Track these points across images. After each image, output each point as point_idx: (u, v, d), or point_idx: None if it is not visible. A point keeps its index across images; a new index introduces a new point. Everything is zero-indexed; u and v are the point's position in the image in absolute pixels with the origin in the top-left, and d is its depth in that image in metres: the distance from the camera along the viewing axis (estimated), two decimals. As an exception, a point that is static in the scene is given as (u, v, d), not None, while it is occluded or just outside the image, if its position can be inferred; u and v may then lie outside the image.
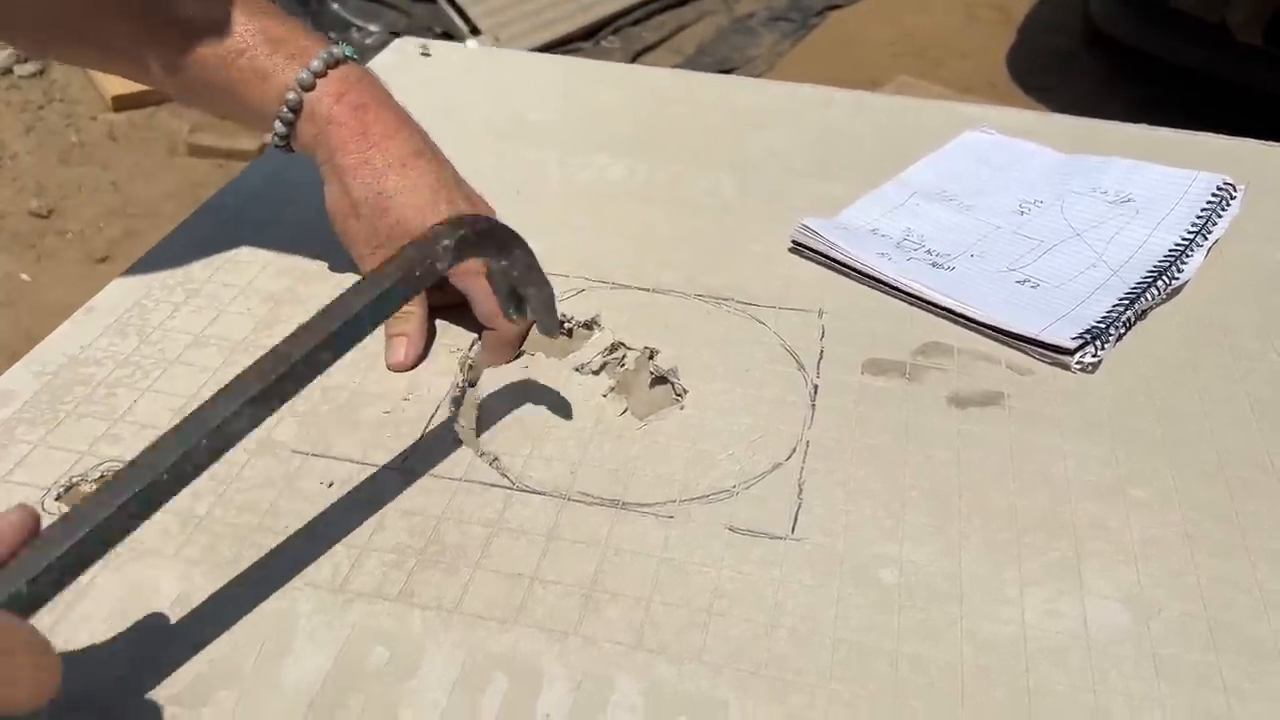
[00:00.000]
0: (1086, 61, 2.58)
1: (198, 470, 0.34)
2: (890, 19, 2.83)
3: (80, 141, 2.14)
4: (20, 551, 0.30)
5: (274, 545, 0.42)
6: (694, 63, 2.60)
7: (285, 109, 0.51)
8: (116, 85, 2.26)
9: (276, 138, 0.52)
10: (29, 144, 2.12)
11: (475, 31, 2.49)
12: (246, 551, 0.42)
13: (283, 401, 0.35)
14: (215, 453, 0.34)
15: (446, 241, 0.40)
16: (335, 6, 2.41)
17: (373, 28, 2.40)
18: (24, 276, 1.74)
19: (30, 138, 2.14)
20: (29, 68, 2.36)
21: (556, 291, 0.55)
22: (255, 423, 0.35)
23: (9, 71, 2.35)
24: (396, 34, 2.39)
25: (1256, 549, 0.44)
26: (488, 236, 0.42)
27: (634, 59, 2.60)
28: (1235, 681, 0.39)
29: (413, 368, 0.52)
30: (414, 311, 0.52)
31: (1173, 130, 0.78)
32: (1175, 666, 0.39)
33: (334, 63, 0.51)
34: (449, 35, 2.48)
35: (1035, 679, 0.39)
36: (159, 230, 1.90)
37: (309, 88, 0.51)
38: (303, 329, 0.37)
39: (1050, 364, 0.54)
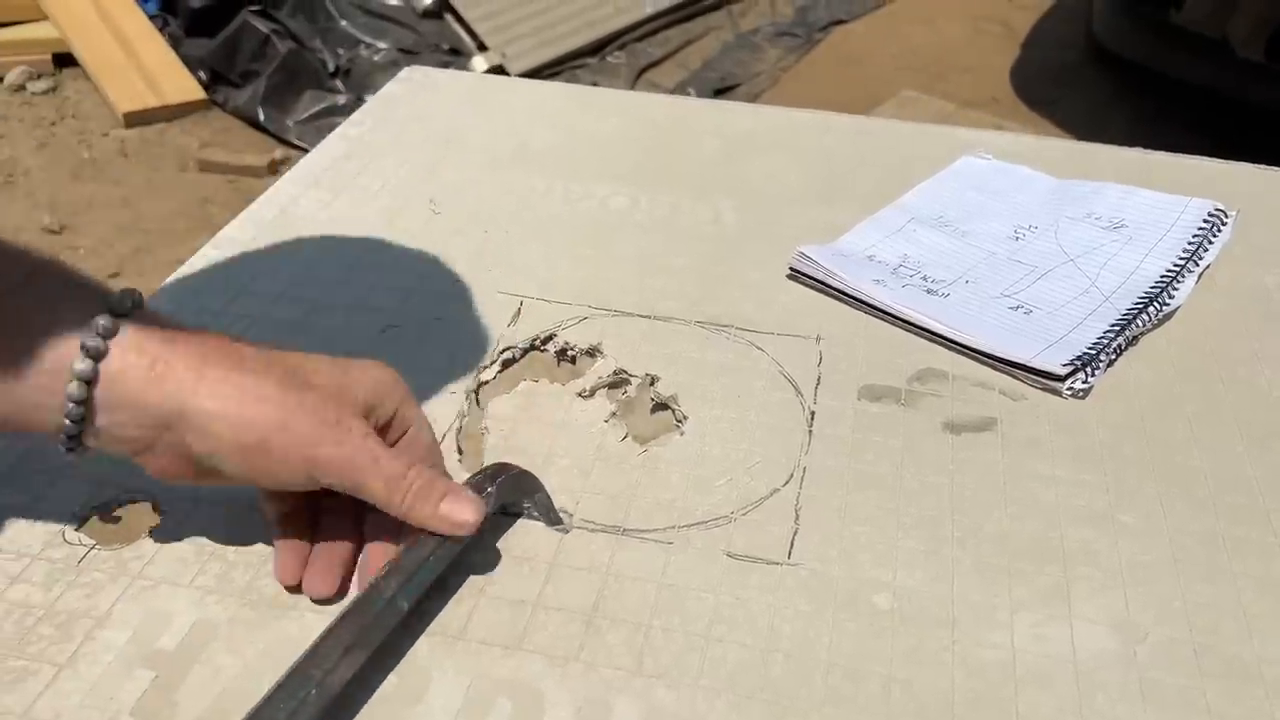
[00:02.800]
0: (1090, 76, 2.59)
1: None
2: (894, 34, 2.85)
3: (92, 158, 2.16)
4: None
5: (286, 572, 0.43)
6: (699, 78, 2.62)
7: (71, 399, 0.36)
8: (127, 102, 2.29)
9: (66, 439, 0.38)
10: (41, 160, 2.14)
11: (482, 48, 2.51)
12: (259, 580, 0.43)
13: (368, 652, 0.38)
14: (322, 705, 0.36)
15: (490, 489, 0.43)
16: (344, 24, 2.44)
17: (381, 45, 2.43)
18: (37, 293, 1.76)
19: (43, 154, 2.16)
20: (41, 85, 2.39)
21: (560, 319, 0.57)
22: (350, 671, 0.37)
23: (22, 89, 2.38)
24: (404, 50, 2.42)
25: (1243, 574, 0.45)
26: (519, 481, 0.46)
27: (639, 74, 2.62)
28: (1219, 705, 0.40)
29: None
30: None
31: (1168, 154, 0.80)
32: (1160, 691, 0.40)
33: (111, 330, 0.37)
34: (456, 51, 2.51)
35: (1024, 704, 0.40)
36: (170, 246, 1.94)
37: (100, 356, 0.36)
38: (376, 579, 0.39)
39: (1042, 390, 0.55)
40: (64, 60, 2.46)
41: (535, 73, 2.52)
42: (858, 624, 0.43)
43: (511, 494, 0.46)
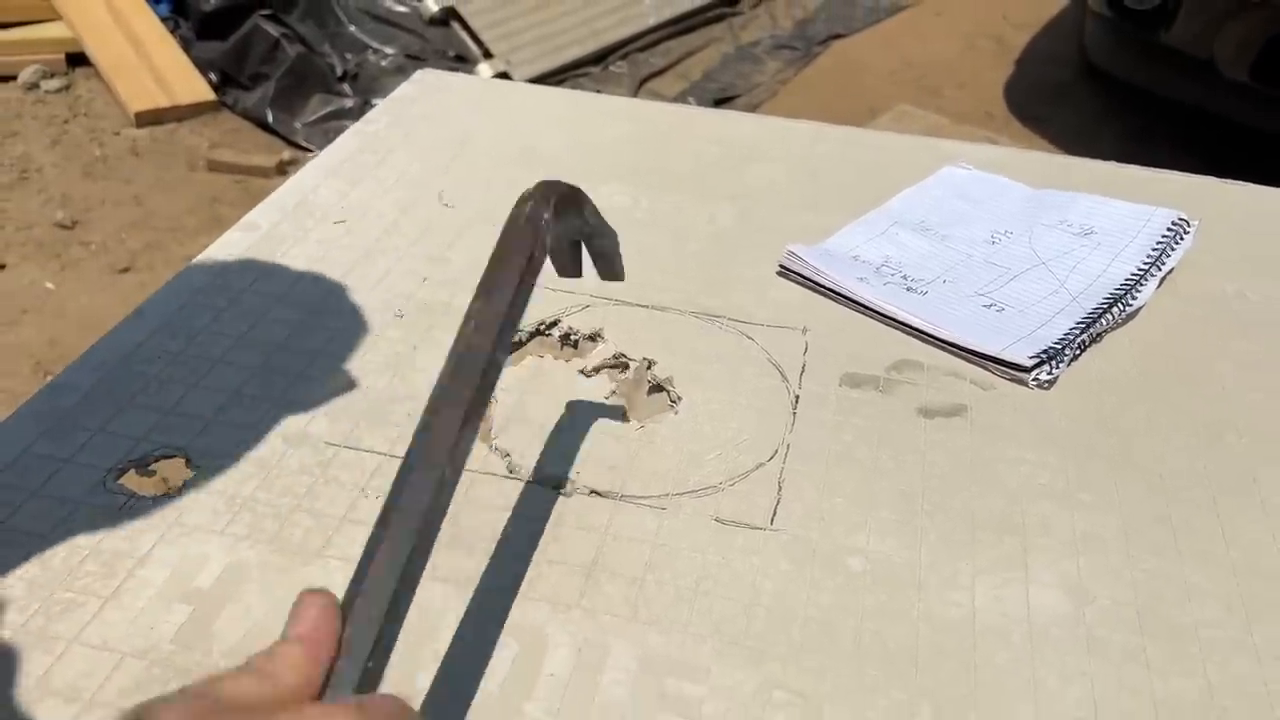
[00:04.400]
0: (1081, 93, 2.65)
1: (448, 503, 0.33)
2: (891, 48, 2.90)
3: (104, 156, 2.20)
4: (343, 636, 0.29)
5: (311, 524, 0.48)
6: (699, 88, 2.67)
7: None
8: (139, 101, 2.33)
9: None
10: (55, 157, 2.18)
11: (488, 55, 2.56)
12: (286, 529, 0.47)
13: (481, 415, 0.35)
14: (456, 481, 0.33)
15: (546, 215, 0.40)
16: (353, 29, 2.49)
17: (389, 50, 2.47)
18: (49, 285, 1.80)
19: (56, 151, 2.20)
20: (55, 83, 2.43)
21: (564, 306, 0.61)
22: (472, 439, 0.34)
23: (35, 87, 2.42)
24: (412, 56, 2.47)
25: (1186, 549, 0.50)
26: (570, 198, 0.42)
27: (641, 84, 2.67)
28: (1158, 661, 0.44)
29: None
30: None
31: (1139, 167, 0.84)
32: (1105, 646, 0.45)
33: None
34: (462, 58, 2.55)
35: (981, 654, 0.44)
36: (179, 242, 1.98)
37: None
38: (467, 338, 0.36)
39: (1010, 380, 0.59)
40: (77, 60, 2.50)
41: (538, 80, 2.56)
42: (833, 583, 0.47)
43: (568, 217, 0.42)
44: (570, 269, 0.47)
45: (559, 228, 0.41)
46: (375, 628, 0.29)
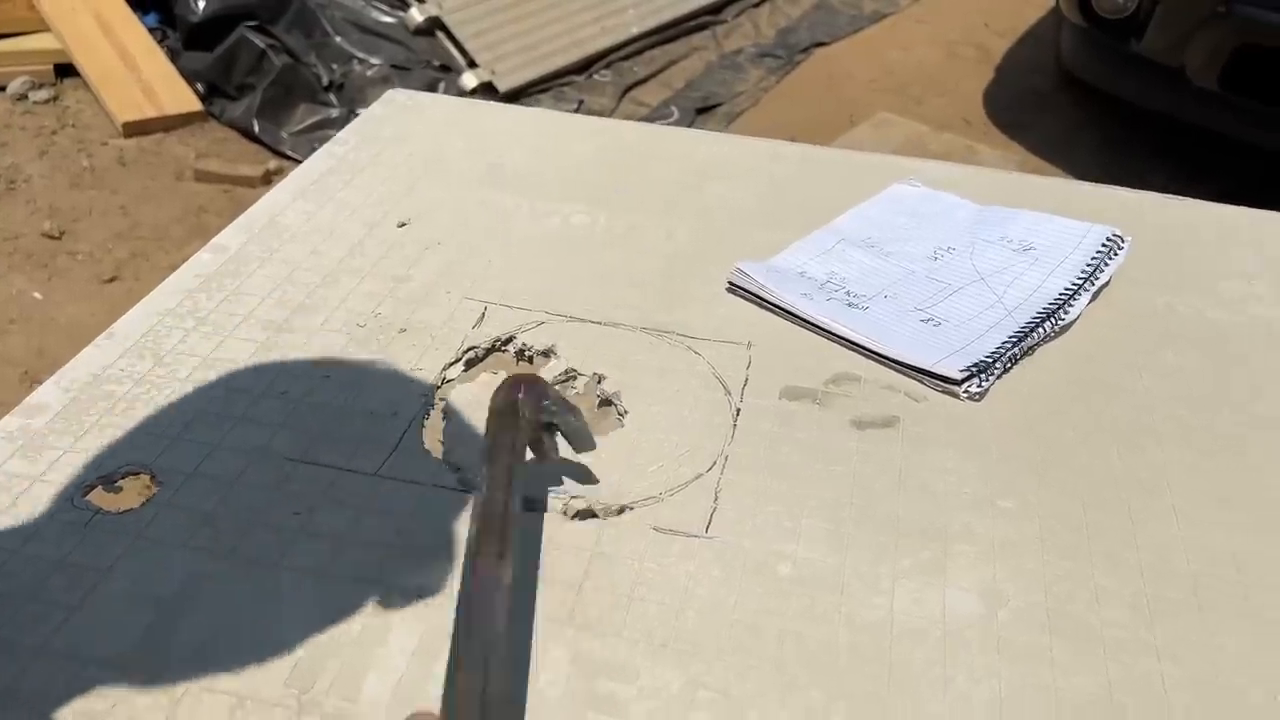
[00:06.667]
0: (1059, 101, 2.69)
1: (509, 620, 0.43)
2: (873, 56, 2.94)
3: (91, 166, 2.23)
4: None
5: (269, 538, 0.50)
6: (682, 97, 2.70)
7: None
8: (127, 112, 2.36)
9: None
10: (42, 168, 2.21)
11: (472, 65, 2.59)
12: (245, 542, 0.50)
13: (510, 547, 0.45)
14: (510, 602, 0.43)
15: (519, 395, 0.52)
16: (338, 40, 2.51)
17: (374, 60, 2.50)
18: (36, 295, 1.83)
19: (43, 162, 2.23)
20: (43, 94, 2.45)
21: (519, 323, 0.64)
22: (510, 568, 0.44)
23: (24, 98, 2.45)
24: (397, 67, 2.49)
25: (1098, 552, 0.53)
26: (532, 385, 0.53)
27: (625, 93, 2.70)
28: (1064, 659, 0.47)
29: None
30: None
31: (1088, 184, 0.87)
32: (1014, 647, 0.48)
33: None
34: (446, 68, 2.58)
35: (897, 654, 0.47)
36: (165, 252, 2.00)
37: None
38: (486, 495, 0.47)
39: (942, 393, 0.62)
40: (65, 71, 2.53)
41: (523, 89, 2.59)
42: (762, 588, 0.50)
43: (533, 396, 0.53)
44: (550, 453, 0.53)
45: (530, 404, 0.52)
46: None
